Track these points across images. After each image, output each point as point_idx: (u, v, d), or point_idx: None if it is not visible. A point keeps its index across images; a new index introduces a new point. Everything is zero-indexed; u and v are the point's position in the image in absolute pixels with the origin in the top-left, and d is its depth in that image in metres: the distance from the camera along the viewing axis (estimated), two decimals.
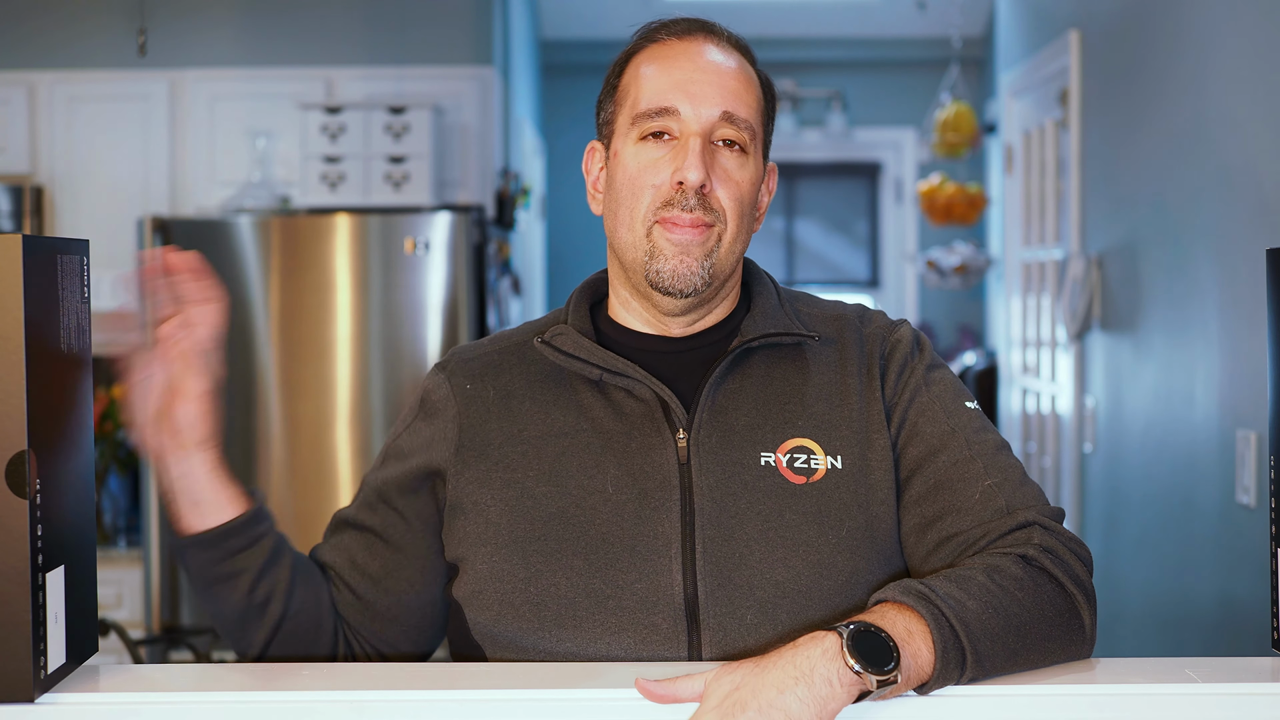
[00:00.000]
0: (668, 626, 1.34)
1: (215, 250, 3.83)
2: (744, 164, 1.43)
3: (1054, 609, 1.29)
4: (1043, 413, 4.50)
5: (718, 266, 1.42)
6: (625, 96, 1.46)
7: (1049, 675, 1.25)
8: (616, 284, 1.49)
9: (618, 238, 1.44)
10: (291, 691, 1.21)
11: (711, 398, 1.42)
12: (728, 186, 1.41)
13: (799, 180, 6.46)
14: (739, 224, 1.43)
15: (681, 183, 1.39)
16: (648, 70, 1.44)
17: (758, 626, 1.34)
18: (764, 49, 5.17)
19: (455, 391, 1.48)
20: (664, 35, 1.46)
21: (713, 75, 1.42)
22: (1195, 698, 1.21)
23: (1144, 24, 3.36)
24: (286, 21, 4.42)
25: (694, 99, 1.41)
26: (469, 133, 4.33)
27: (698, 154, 1.39)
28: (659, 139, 1.42)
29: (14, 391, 1.16)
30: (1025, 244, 4.76)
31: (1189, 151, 3.03)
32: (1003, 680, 1.23)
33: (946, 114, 5.17)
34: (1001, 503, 1.36)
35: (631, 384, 1.42)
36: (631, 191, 1.42)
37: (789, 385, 1.43)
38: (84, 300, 1.36)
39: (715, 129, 1.41)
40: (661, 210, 1.40)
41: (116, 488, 4.29)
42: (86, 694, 1.22)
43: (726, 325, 1.48)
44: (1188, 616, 3.03)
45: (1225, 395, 2.81)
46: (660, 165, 1.41)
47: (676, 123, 1.41)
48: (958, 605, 1.23)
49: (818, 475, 1.39)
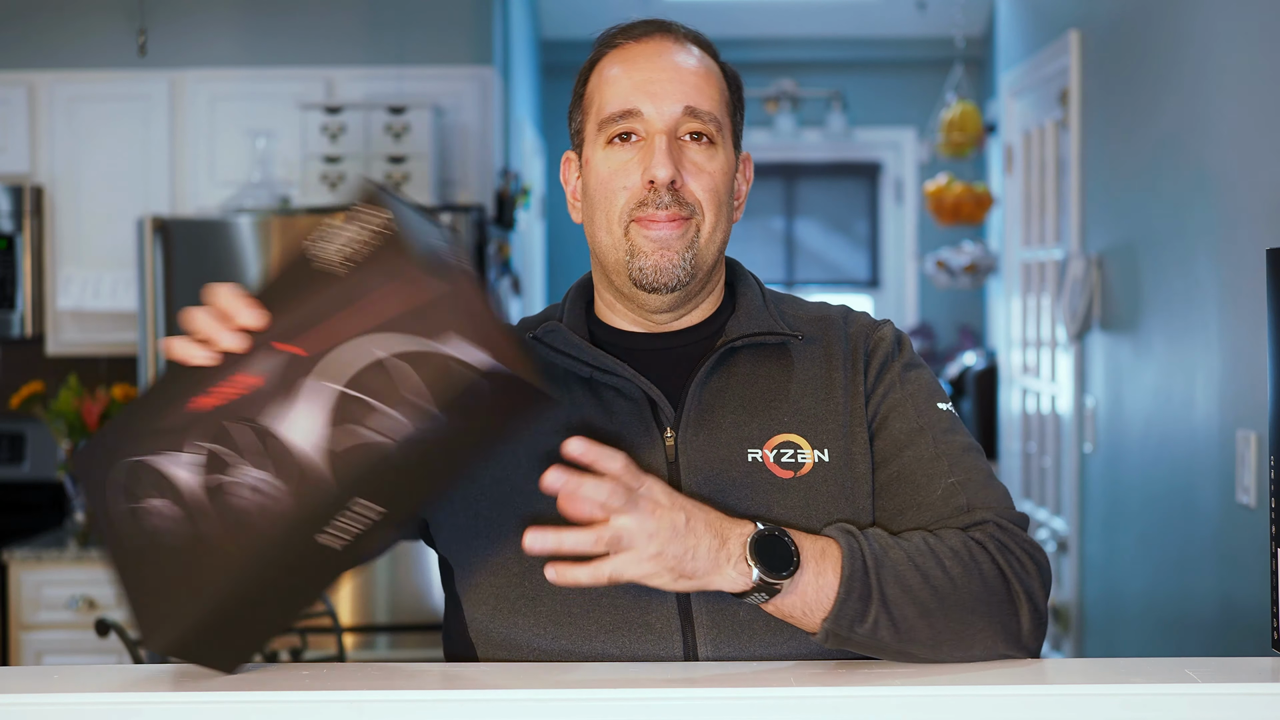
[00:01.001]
0: (661, 625, 1.35)
1: (215, 250, 3.84)
2: (713, 155, 1.44)
3: (985, 588, 1.31)
4: (1042, 413, 4.50)
5: (699, 258, 1.43)
6: (591, 104, 1.47)
7: (1049, 675, 1.25)
8: (600, 288, 1.51)
9: (598, 242, 1.46)
10: (291, 691, 1.21)
11: (698, 396, 1.43)
12: (699, 178, 1.43)
13: (799, 180, 6.46)
14: (716, 214, 1.44)
15: (652, 181, 1.41)
16: (609, 76, 1.46)
17: (750, 623, 1.35)
18: (764, 49, 5.18)
19: None
20: (622, 40, 1.48)
21: (672, 73, 1.44)
22: (1195, 698, 1.21)
23: (1144, 24, 3.36)
24: (286, 21, 4.42)
25: (655, 98, 1.42)
26: (469, 133, 4.33)
27: (664, 151, 1.41)
28: (626, 141, 1.44)
29: None
30: (1025, 244, 4.76)
31: (1189, 151, 3.03)
32: (1002, 679, 1.23)
33: (952, 114, 5.16)
34: (963, 500, 1.38)
35: (621, 383, 1.43)
36: (605, 195, 1.44)
37: (774, 382, 1.45)
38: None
39: (680, 125, 1.43)
40: (637, 210, 1.42)
41: None
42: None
43: (713, 323, 1.50)
44: (1188, 616, 3.03)
45: (1225, 395, 2.81)
46: (630, 167, 1.43)
47: (641, 123, 1.43)
48: (880, 549, 1.30)
49: (805, 469, 1.40)
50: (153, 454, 1.22)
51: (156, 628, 1.21)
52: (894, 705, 1.20)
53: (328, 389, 1.17)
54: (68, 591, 3.99)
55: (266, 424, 1.18)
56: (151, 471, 1.21)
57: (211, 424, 1.20)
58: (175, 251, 3.82)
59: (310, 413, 1.17)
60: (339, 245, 1.22)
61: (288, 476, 1.17)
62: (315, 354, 1.18)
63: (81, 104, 4.34)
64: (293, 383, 1.18)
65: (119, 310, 4.26)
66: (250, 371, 1.20)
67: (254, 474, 1.18)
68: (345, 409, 1.16)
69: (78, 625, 3.97)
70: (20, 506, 4.51)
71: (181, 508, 1.20)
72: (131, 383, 4.29)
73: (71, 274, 4.29)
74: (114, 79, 4.34)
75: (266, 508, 1.17)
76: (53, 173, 4.32)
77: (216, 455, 1.20)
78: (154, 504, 1.21)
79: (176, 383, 1.25)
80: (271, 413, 1.18)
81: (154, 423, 1.24)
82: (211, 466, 1.20)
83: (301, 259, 1.23)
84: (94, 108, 4.34)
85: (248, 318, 1.22)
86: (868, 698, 1.21)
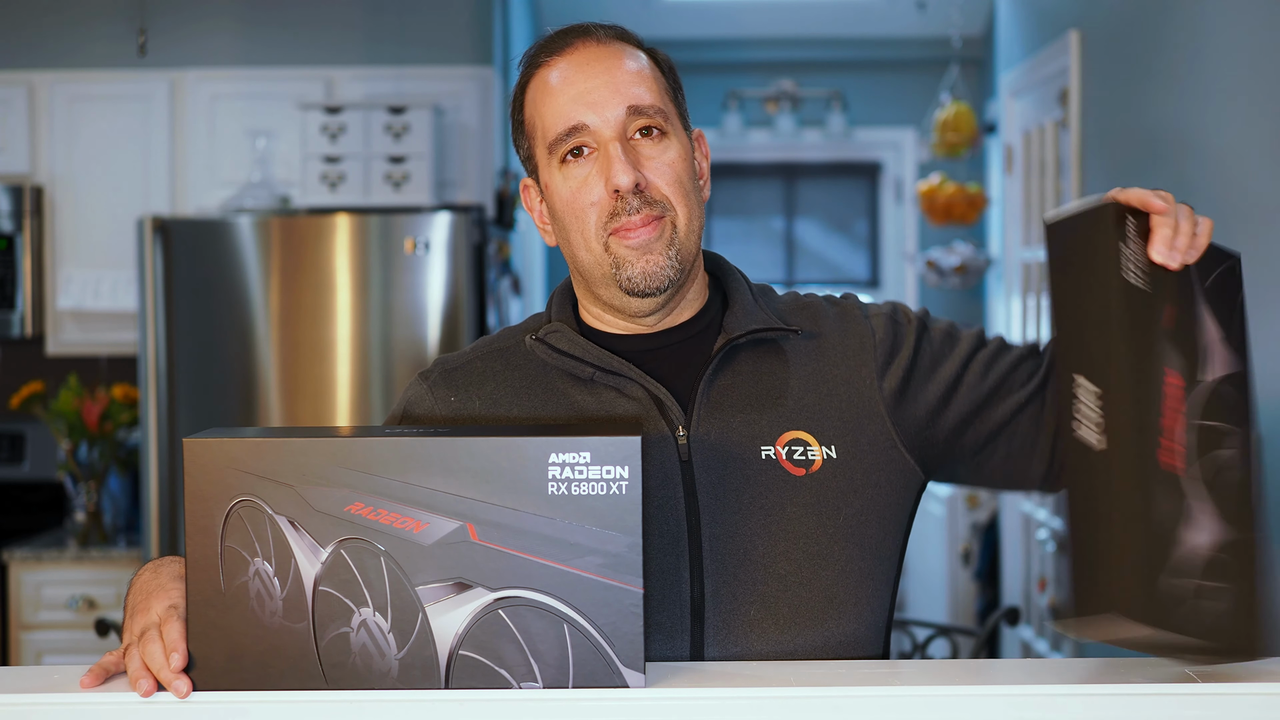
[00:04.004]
0: (671, 624, 1.35)
1: (215, 250, 3.84)
2: (667, 145, 1.42)
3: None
4: None
5: (683, 252, 1.42)
6: (534, 129, 1.45)
7: (1048, 675, 1.25)
8: (585, 302, 1.49)
9: (579, 260, 1.44)
10: (290, 691, 1.21)
11: (707, 394, 1.42)
12: (660, 173, 1.41)
13: (799, 180, 6.46)
14: (686, 204, 1.43)
15: (617, 190, 1.39)
16: (544, 95, 1.43)
17: (759, 621, 1.35)
18: (764, 49, 5.18)
19: (438, 404, 1.48)
20: (546, 57, 1.45)
21: (606, 77, 1.42)
22: (1195, 698, 1.21)
23: (1144, 24, 3.36)
24: (286, 21, 4.42)
25: (596, 106, 1.40)
26: (469, 133, 4.33)
27: (621, 158, 1.39)
28: (580, 157, 1.41)
29: None
30: (1025, 244, 4.76)
31: (1188, 151, 3.03)
32: (1002, 680, 1.23)
33: (946, 114, 5.17)
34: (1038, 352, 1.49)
35: (623, 383, 1.42)
36: (575, 215, 1.42)
37: (775, 379, 1.44)
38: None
39: (627, 126, 1.41)
40: (610, 223, 1.40)
41: (116, 488, 4.29)
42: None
43: (701, 319, 1.48)
44: None
45: None
46: (591, 182, 1.41)
47: (589, 136, 1.41)
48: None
49: (815, 466, 1.40)
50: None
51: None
52: (894, 705, 1.20)
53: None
54: (68, 591, 4.00)
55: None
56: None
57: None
58: (175, 251, 3.82)
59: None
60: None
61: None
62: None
63: (81, 104, 4.34)
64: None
65: (119, 310, 4.26)
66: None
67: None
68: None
69: (78, 625, 3.97)
70: (20, 506, 4.51)
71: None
72: (131, 383, 4.29)
73: (71, 274, 4.29)
74: (114, 79, 4.34)
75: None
76: (53, 173, 4.32)
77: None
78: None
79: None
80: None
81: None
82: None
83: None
84: (94, 108, 4.34)
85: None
86: (868, 698, 1.21)
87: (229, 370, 3.83)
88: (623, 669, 1.19)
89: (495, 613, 1.18)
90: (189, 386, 3.83)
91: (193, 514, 1.20)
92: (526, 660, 1.19)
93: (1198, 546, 1.19)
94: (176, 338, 3.82)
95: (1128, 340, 1.22)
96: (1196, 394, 1.24)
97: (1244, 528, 1.22)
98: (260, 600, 1.20)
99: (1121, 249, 1.25)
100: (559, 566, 1.18)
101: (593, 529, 1.18)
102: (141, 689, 1.19)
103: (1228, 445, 1.24)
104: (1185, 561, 1.18)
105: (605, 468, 1.18)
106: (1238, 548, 1.21)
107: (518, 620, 1.18)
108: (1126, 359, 1.22)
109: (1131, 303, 1.23)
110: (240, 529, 1.20)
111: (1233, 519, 1.22)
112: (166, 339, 3.82)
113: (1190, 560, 1.19)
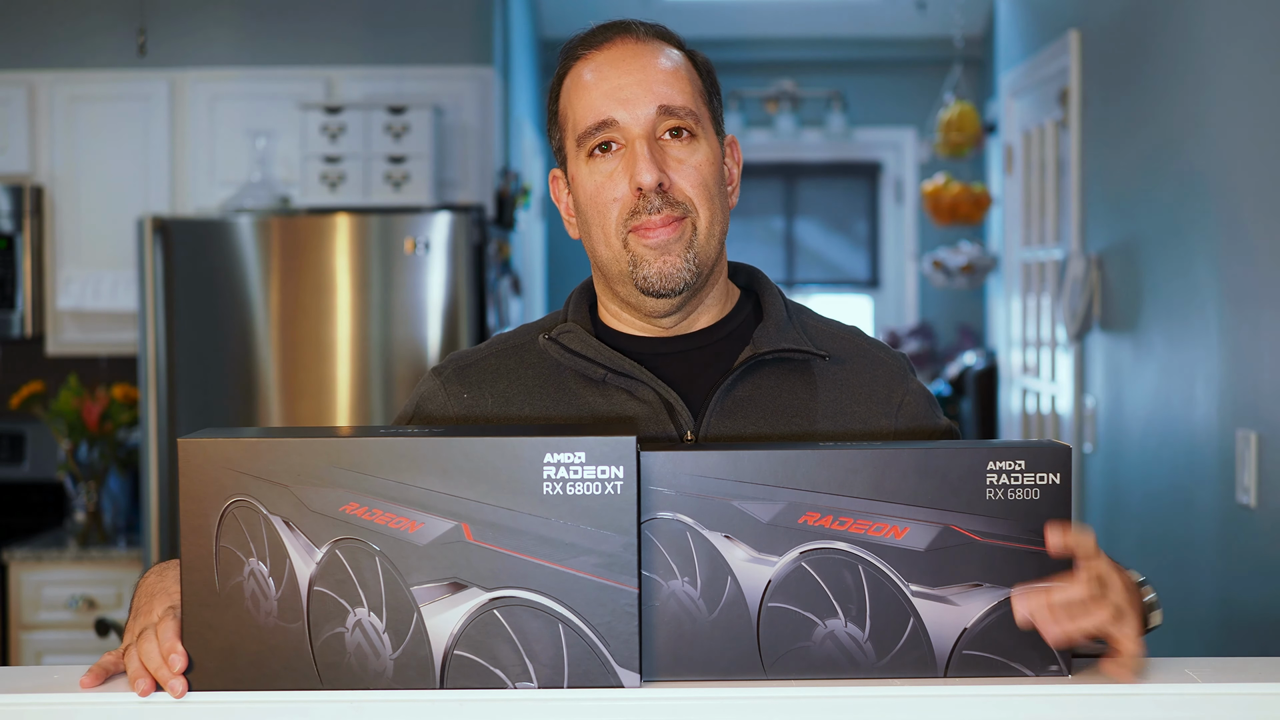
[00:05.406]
0: None
1: (215, 250, 3.83)
2: (695, 149, 1.43)
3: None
4: (1043, 413, 4.50)
5: (701, 255, 1.42)
6: (566, 120, 1.46)
7: (1046, 675, 1.25)
8: (604, 299, 1.50)
9: (598, 255, 1.45)
10: (286, 691, 1.21)
11: (721, 403, 1.42)
12: (686, 175, 1.41)
13: (799, 180, 6.46)
14: (709, 208, 1.43)
15: (640, 188, 1.39)
16: (578, 88, 1.44)
17: None
18: (764, 49, 5.20)
19: (451, 400, 1.48)
20: (584, 50, 1.46)
21: (639, 74, 1.42)
22: (1195, 698, 1.21)
23: (1144, 24, 3.36)
24: (286, 21, 4.42)
25: (627, 103, 1.41)
26: (469, 133, 4.33)
27: (646, 156, 1.39)
28: (607, 152, 1.42)
29: None
30: (1025, 244, 4.76)
31: (1189, 151, 3.03)
32: (1001, 680, 1.23)
33: (950, 114, 5.17)
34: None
35: (634, 385, 1.42)
36: (597, 210, 1.42)
37: (797, 400, 1.44)
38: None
39: (657, 125, 1.41)
40: (631, 220, 1.41)
41: (116, 488, 4.29)
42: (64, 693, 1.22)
43: (724, 327, 1.48)
44: (1188, 616, 3.03)
45: (1225, 395, 2.81)
46: (616, 177, 1.41)
47: (618, 131, 1.41)
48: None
49: None
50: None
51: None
52: (895, 705, 1.20)
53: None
54: (68, 591, 3.99)
55: None
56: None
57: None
58: (175, 251, 3.82)
59: None
60: None
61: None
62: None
63: (81, 104, 4.34)
64: None
65: (119, 310, 4.26)
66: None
67: None
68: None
69: (78, 625, 3.97)
70: (20, 506, 4.51)
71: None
72: (131, 383, 4.29)
73: (71, 274, 4.29)
74: (114, 79, 4.34)
75: None
76: (53, 173, 4.32)
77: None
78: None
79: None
80: None
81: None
82: None
83: None
84: (94, 108, 4.34)
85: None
86: (868, 698, 1.21)
87: (229, 370, 3.83)
88: (618, 669, 1.19)
89: (490, 613, 1.18)
90: (189, 386, 3.83)
91: (188, 514, 1.20)
92: (521, 660, 1.18)
93: None
94: (176, 338, 3.82)
95: None
96: None
97: None
98: (255, 600, 1.20)
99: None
100: (554, 566, 1.18)
101: (588, 529, 1.18)
102: (139, 689, 1.19)
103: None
104: None
105: (600, 468, 1.18)
106: None
107: (513, 620, 1.18)
108: None
109: None
110: (235, 529, 1.20)
111: None
112: (166, 339, 3.82)
113: None
